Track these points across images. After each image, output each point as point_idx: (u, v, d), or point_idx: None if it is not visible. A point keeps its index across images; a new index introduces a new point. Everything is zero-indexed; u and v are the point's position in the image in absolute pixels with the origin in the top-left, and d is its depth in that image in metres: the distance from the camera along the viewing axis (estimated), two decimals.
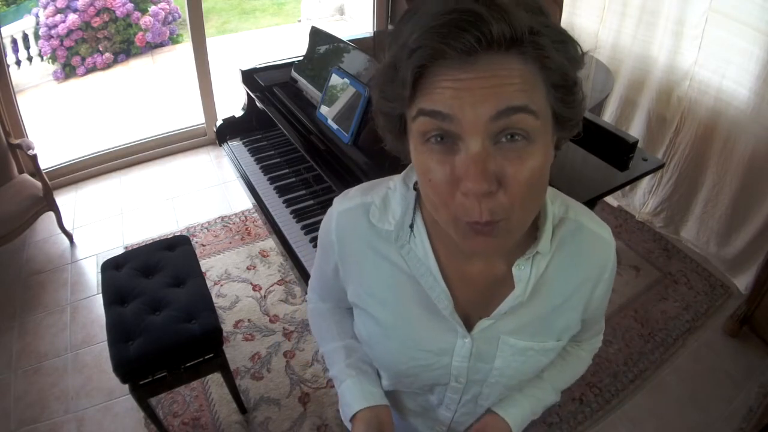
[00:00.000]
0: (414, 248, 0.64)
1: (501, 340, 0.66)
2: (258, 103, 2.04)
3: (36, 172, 2.46)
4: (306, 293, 0.94)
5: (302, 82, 1.92)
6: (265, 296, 2.30)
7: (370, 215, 0.65)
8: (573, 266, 0.65)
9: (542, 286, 0.64)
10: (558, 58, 0.46)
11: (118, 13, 4.85)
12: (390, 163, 0.70)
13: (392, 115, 0.52)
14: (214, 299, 1.83)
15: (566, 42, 0.47)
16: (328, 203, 0.72)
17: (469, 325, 0.66)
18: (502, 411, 0.75)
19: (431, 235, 0.64)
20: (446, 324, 0.65)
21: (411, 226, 0.64)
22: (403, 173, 0.66)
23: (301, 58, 1.98)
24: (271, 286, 2.35)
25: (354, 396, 0.73)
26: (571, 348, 0.82)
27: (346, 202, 0.68)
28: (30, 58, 4.71)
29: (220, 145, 2.21)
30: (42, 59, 4.77)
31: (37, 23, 4.69)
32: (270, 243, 2.57)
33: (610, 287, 0.71)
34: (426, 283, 0.64)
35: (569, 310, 0.67)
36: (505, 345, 0.66)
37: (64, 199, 2.87)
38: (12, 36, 4.54)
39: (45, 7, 4.67)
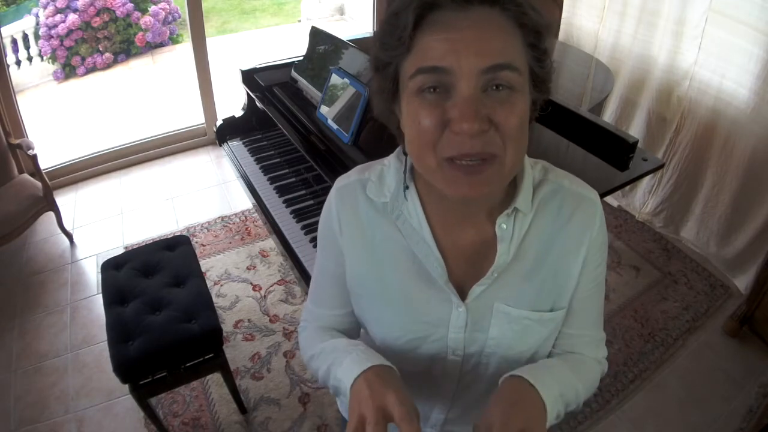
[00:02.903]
0: (408, 218, 0.67)
1: (495, 307, 0.67)
2: (258, 103, 2.04)
3: (36, 172, 2.46)
4: (306, 293, 0.93)
5: (302, 82, 1.92)
6: (265, 296, 2.30)
7: (367, 190, 0.69)
8: (557, 225, 0.67)
9: (528, 247, 0.66)
10: (534, 17, 0.54)
11: (118, 13, 4.85)
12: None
13: (389, 69, 0.57)
14: (214, 299, 1.83)
15: (537, 11, 0.55)
16: None
17: (463, 296, 0.67)
18: (535, 380, 0.61)
19: (425, 206, 0.66)
20: (441, 294, 0.67)
21: (406, 187, 0.67)
22: (396, 150, 0.70)
23: (301, 58, 1.98)
24: (271, 286, 2.35)
25: (361, 359, 0.63)
26: (578, 355, 0.75)
27: (344, 180, 0.72)
28: (30, 58, 4.71)
29: (220, 145, 2.21)
30: (42, 59, 4.76)
31: (37, 23, 4.69)
32: (270, 243, 2.57)
33: (602, 254, 0.70)
34: (420, 252, 0.66)
35: (561, 274, 0.68)
36: (499, 313, 0.67)
37: (64, 199, 2.88)
38: (12, 36, 4.53)
39: (45, 7, 4.67)
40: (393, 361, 0.74)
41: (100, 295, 1.78)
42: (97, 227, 2.75)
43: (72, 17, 4.67)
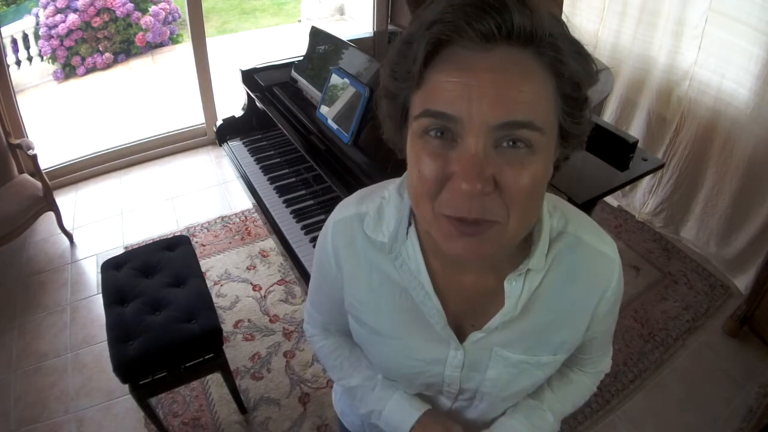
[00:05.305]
0: (407, 261, 0.63)
1: (494, 351, 0.65)
2: (258, 103, 2.04)
3: (36, 172, 2.46)
4: (306, 294, 0.93)
5: (302, 82, 1.92)
6: (265, 296, 2.30)
7: (365, 226, 0.65)
8: (570, 282, 0.62)
9: (536, 302, 0.62)
10: (573, 67, 0.46)
11: (118, 13, 4.85)
12: (391, 165, 0.70)
13: (398, 99, 0.51)
14: (214, 299, 1.83)
15: (584, 55, 0.48)
16: (328, 203, 0.73)
17: (461, 335, 0.65)
18: None
19: (424, 248, 0.62)
20: (439, 335, 0.65)
21: (407, 229, 0.63)
22: (398, 182, 0.65)
23: (301, 58, 1.98)
24: (271, 286, 2.35)
25: (405, 408, 0.74)
26: (574, 374, 0.79)
27: (342, 212, 0.68)
28: (30, 58, 4.71)
29: (220, 145, 2.22)
30: (42, 59, 4.76)
31: (37, 23, 4.69)
32: (270, 243, 2.57)
33: (615, 307, 0.68)
34: (418, 297, 0.63)
35: (567, 326, 0.65)
36: (498, 357, 0.65)
37: (64, 199, 2.87)
38: (12, 36, 4.53)
39: (45, 7, 4.67)
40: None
41: (100, 295, 1.78)
42: (97, 227, 2.75)
43: (72, 17, 4.67)
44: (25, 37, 4.64)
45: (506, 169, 0.45)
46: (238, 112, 2.22)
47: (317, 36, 1.95)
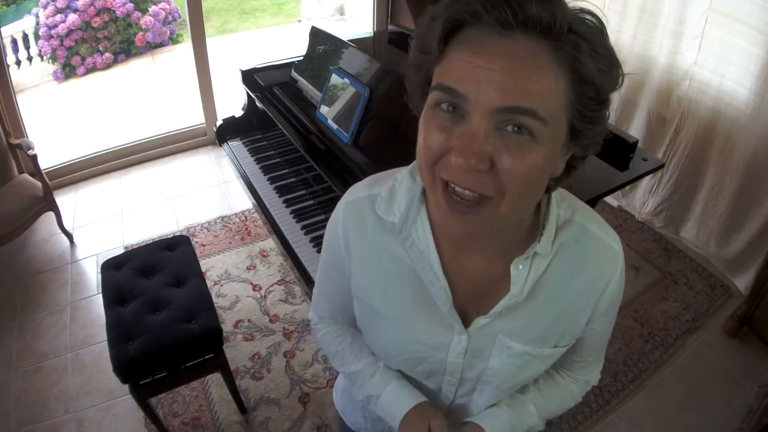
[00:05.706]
0: (417, 241, 0.64)
1: (498, 339, 0.66)
2: (258, 103, 2.04)
3: (36, 172, 2.46)
4: (306, 294, 0.94)
5: (302, 82, 1.93)
6: (265, 296, 2.30)
7: (376, 207, 0.66)
8: (575, 271, 0.63)
9: (541, 288, 0.63)
10: (592, 67, 0.46)
11: (118, 13, 4.85)
12: (391, 164, 0.70)
13: (421, 71, 0.53)
14: (214, 299, 1.83)
15: (607, 57, 0.48)
16: (328, 203, 0.73)
17: (466, 322, 0.66)
18: (483, 422, 0.74)
19: (435, 231, 0.63)
20: (444, 319, 0.66)
21: (418, 210, 0.64)
22: (410, 166, 0.66)
23: (301, 58, 1.99)
24: (271, 286, 2.35)
25: (400, 398, 0.74)
26: (562, 379, 0.80)
27: (353, 194, 0.69)
28: (30, 58, 4.71)
29: (220, 145, 2.21)
30: (42, 59, 4.77)
31: (37, 23, 4.69)
32: (270, 243, 2.57)
33: (615, 302, 0.68)
34: (426, 278, 0.64)
35: (569, 317, 0.66)
36: (501, 345, 0.66)
37: (64, 199, 2.87)
38: (12, 36, 4.54)
39: (45, 7, 4.67)
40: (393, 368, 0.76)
41: (100, 295, 1.78)
42: (97, 227, 2.75)
43: (72, 17, 4.67)
44: (25, 37, 4.64)
45: (505, 153, 0.47)
46: (238, 112, 2.22)
47: (317, 36, 1.95)
